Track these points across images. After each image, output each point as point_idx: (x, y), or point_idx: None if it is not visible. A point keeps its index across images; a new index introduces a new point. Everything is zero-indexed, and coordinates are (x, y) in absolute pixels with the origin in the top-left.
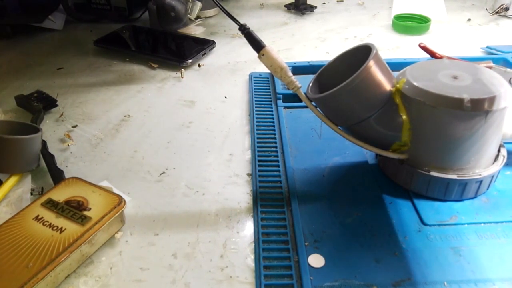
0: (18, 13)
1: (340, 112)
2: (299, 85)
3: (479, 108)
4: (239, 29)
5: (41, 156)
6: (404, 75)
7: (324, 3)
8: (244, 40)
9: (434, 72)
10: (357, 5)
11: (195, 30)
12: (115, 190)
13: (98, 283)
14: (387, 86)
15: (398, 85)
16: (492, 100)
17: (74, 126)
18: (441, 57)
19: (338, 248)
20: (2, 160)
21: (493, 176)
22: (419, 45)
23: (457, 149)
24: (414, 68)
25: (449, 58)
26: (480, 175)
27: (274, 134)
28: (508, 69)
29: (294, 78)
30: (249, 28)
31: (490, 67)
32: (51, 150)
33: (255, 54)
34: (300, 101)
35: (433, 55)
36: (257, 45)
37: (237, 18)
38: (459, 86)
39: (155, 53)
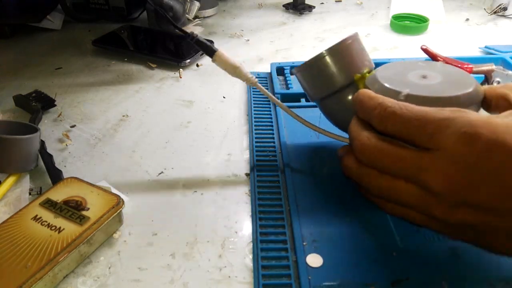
0: (16, 13)
1: (318, 80)
2: (255, 80)
3: None
4: (187, 38)
5: (39, 156)
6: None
7: (322, 3)
8: (243, 40)
9: (405, 71)
10: (355, 5)
11: (193, 30)
12: (114, 190)
13: (96, 283)
14: (358, 69)
15: (363, 73)
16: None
17: (73, 126)
18: (443, 60)
19: (337, 248)
20: (0, 160)
21: None
22: (421, 48)
23: None
24: (387, 66)
25: (447, 59)
26: None
27: (273, 134)
28: (509, 71)
29: (250, 74)
30: (197, 36)
31: (492, 70)
32: (50, 150)
33: (253, 54)
34: (299, 101)
35: (434, 58)
36: (209, 50)
37: (236, 18)
38: (421, 84)
39: (153, 53)
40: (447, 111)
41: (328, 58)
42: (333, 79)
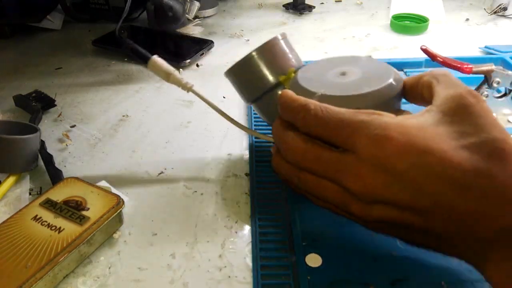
0: (17, 13)
1: (248, 81)
2: (191, 84)
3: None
4: (123, 45)
5: (39, 156)
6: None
7: (322, 3)
8: (243, 40)
9: (325, 70)
10: (355, 5)
11: (193, 30)
12: (114, 190)
13: (96, 283)
14: (284, 69)
15: (288, 74)
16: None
17: (73, 126)
18: (442, 61)
19: (336, 248)
20: (0, 160)
21: None
22: (421, 48)
23: None
24: (310, 66)
25: (447, 59)
26: None
27: None
28: (509, 72)
29: (184, 80)
30: (132, 43)
31: (491, 70)
32: (50, 150)
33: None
34: None
35: (434, 58)
36: (143, 57)
37: (236, 18)
38: (337, 82)
39: (153, 53)
40: (363, 114)
41: (254, 59)
42: (262, 80)
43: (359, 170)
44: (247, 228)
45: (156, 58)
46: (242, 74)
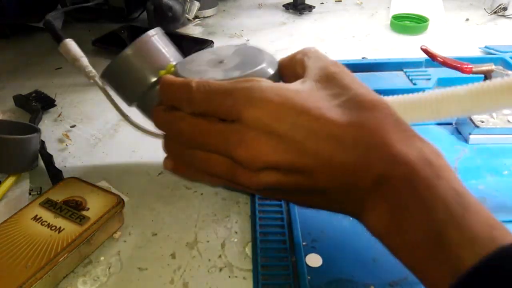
0: (16, 13)
1: (128, 81)
2: (94, 73)
3: None
4: (43, 24)
5: (39, 156)
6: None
7: (322, 3)
8: (243, 40)
9: (204, 60)
10: (355, 5)
11: (193, 30)
12: (114, 190)
13: (96, 283)
14: (163, 65)
15: (168, 68)
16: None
17: (73, 126)
18: (442, 61)
19: (336, 248)
20: (0, 160)
21: None
22: (421, 48)
23: None
24: (189, 58)
25: (447, 59)
26: None
27: None
28: (509, 72)
29: (89, 68)
30: (50, 21)
31: (491, 70)
32: (50, 150)
33: None
34: None
35: (434, 58)
36: (57, 38)
37: (235, 18)
38: (215, 70)
39: None
40: (242, 81)
41: (128, 58)
42: (140, 80)
43: (243, 137)
44: (247, 228)
45: (68, 41)
46: (118, 76)
